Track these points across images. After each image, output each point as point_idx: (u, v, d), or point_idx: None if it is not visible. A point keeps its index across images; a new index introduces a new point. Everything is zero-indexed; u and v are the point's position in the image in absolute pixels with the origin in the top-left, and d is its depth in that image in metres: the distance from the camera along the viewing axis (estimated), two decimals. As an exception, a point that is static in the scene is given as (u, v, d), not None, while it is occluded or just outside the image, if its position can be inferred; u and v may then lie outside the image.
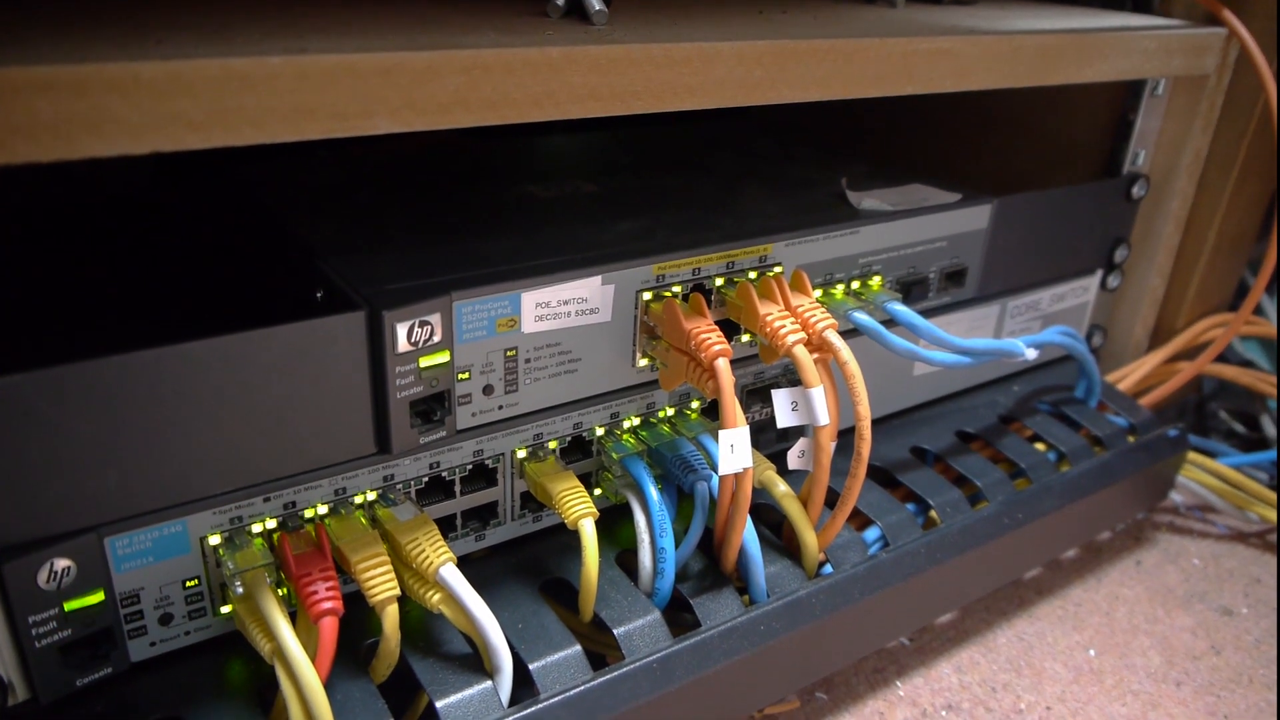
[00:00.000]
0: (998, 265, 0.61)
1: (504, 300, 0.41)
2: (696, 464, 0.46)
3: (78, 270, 0.52)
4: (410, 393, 0.40)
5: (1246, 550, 0.69)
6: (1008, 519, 0.54)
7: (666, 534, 0.44)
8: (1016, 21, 0.56)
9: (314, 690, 0.35)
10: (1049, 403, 0.66)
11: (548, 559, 0.47)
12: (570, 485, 0.44)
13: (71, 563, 0.35)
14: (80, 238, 0.56)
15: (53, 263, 0.53)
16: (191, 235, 0.58)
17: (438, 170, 0.60)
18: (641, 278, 0.45)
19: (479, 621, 0.38)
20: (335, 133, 0.33)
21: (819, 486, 0.46)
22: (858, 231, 0.52)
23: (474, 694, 0.39)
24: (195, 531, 0.38)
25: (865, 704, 0.53)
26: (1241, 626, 0.61)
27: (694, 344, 0.43)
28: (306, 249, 0.45)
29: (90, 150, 0.29)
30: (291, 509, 0.40)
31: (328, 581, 0.37)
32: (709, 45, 0.41)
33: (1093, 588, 0.63)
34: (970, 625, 0.59)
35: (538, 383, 0.44)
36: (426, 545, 0.39)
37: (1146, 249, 0.70)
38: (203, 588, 0.39)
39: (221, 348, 0.35)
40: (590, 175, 0.59)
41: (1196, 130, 0.66)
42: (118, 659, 0.38)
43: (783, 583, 0.47)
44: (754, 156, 0.67)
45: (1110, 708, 0.53)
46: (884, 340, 0.50)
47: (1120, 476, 0.61)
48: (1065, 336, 0.61)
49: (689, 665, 0.42)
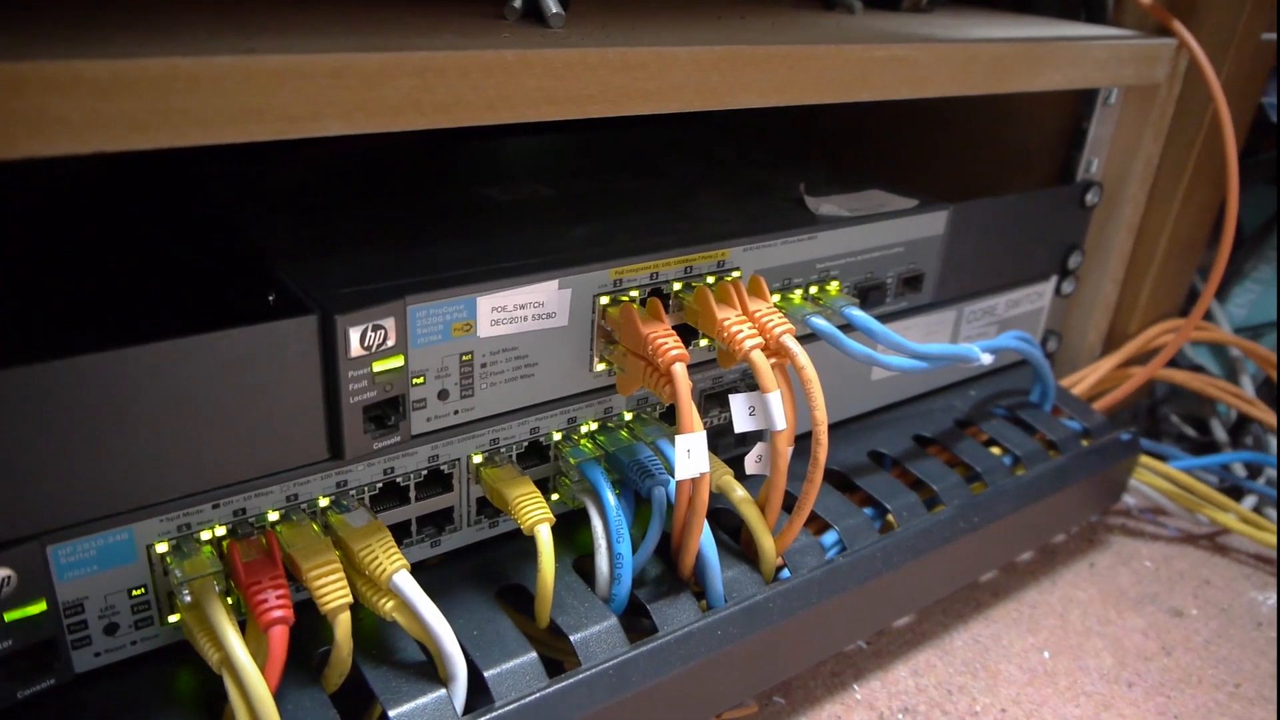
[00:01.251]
0: (954, 270, 0.61)
1: (459, 304, 0.41)
2: (654, 469, 0.46)
3: (21, 271, 0.50)
4: (364, 398, 0.39)
5: (1196, 552, 0.70)
6: (964, 523, 0.55)
7: (624, 539, 0.44)
8: (972, 30, 0.57)
9: (263, 700, 0.34)
10: (1005, 407, 0.66)
11: (504, 565, 0.46)
12: (527, 491, 0.44)
13: (12, 572, 0.34)
14: (25, 238, 0.55)
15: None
16: (141, 237, 0.56)
17: (393, 173, 0.59)
18: (599, 282, 0.45)
19: (433, 628, 0.38)
20: (284, 134, 0.33)
21: (776, 491, 0.46)
22: (815, 237, 0.53)
23: (428, 702, 0.38)
24: (142, 539, 0.37)
25: (823, 708, 0.53)
26: (1191, 628, 0.62)
27: (651, 349, 0.43)
28: (258, 252, 0.44)
29: (31, 150, 0.28)
30: (242, 515, 0.39)
31: (278, 590, 0.36)
32: (665, 50, 0.41)
33: (1047, 590, 0.64)
34: (927, 628, 0.60)
35: (494, 388, 0.44)
36: (380, 552, 0.39)
37: (1100, 255, 0.71)
38: (149, 596, 0.38)
39: (171, 351, 0.35)
40: (547, 179, 0.59)
41: (1148, 138, 0.67)
42: (61, 670, 0.37)
43: (740, 587, 0.47)
44: (712, 161, 0.67)
45: (1064, 709, 0.54)
46: (841, 345, 0.50)
47: (1074, 480, 0.62)
48: (1020, 341, 0.62)
49: (646, 671, 0.42)
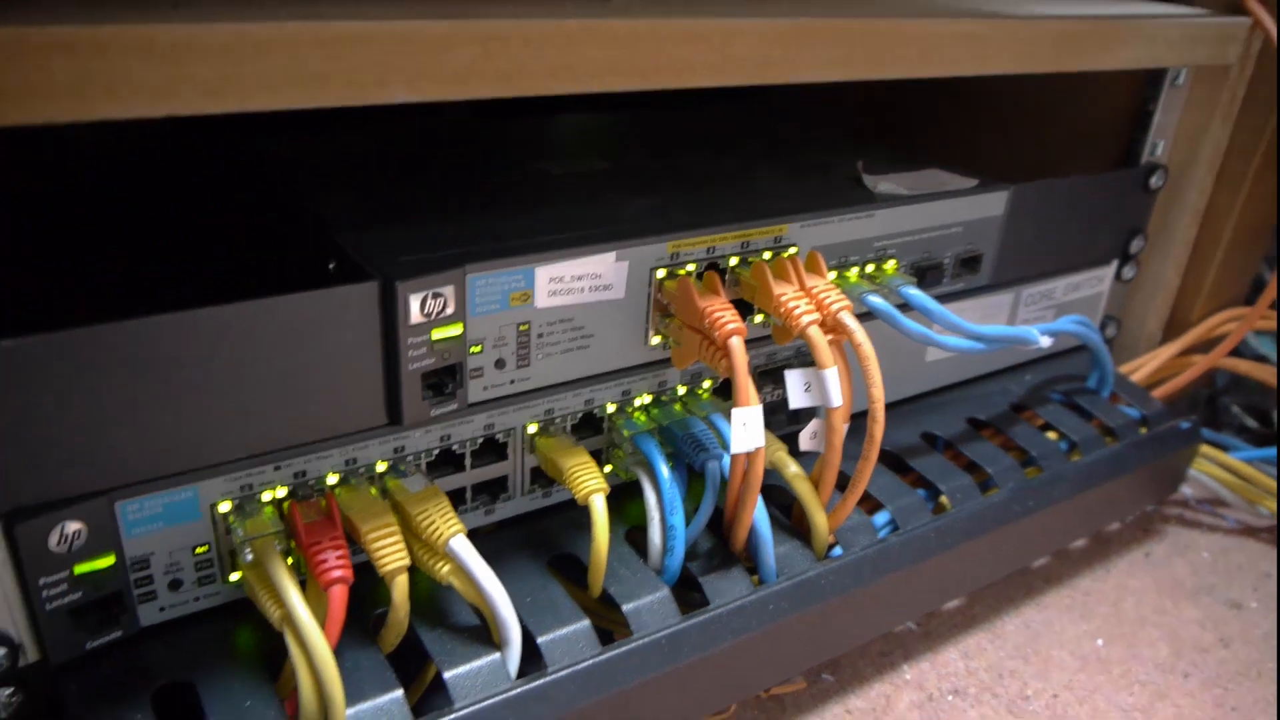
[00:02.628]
0: (1013, 252, 0.60)
1: (518, 274, 0.41)
2: (708, 443, 0.46)
3: (95, 238, 0.52)
4: (422, 365, 0.40)
5: (1256, 545, 0.68)
6: (1017, 506, 0.54)
7: (677, 511, 0.44)
8: (1039, 5, 0.56)
9: (323, 657, 0.35)
10: (1061, 392, 0.65)
11: (557, 535, 0.47)
12: (582, 460, 0.44)
13: (82, 526, 0.35)
14: (100, 208, 0.56)
15: (72, 230, 0.53)
16: (207, 209, 0.58)
17: (453, 149, 0.60)
18: (656, 255, 0.45)
19: (488, 593, 0.38)
20: (349, 101, 0.33)
21: (830, 468, 0.46)
22: (873, 215, 0.52)
23: (482, 665, 0.39)
24: (206, 498, 0.38)
25: (871, 687, 0.53)
26: (1250, 620, 0.61)
27: (708, 322, 0.43)
28: (320, 221, 0.45)
29: (106, 112, 0.29)
30: (302, 478, 0.40)
31: (337, 550, 0.37)
32: (729, 22, 0.40)
33: (1101, 578, 0.63)
34: (978, 612, 0.59)
35: (550, 358, 0.44)
36: (436, 516, 0.39)
37: (1163, 241, 0.70)
38: (212, 554, 0.39)
39: (235, 314, 0.35)
40: (605, 154, 0.59)
41: (1217, 121, 0.65)
42: (127, 623, 0.38)
43: (792, 563, 0.47)
44: (771, 139, 0.67)
45: (1117, 697, 0.53)
46: (897, 324, 0.50)
47: (1131, 467, 0.61)
48: (1079, 326, 0.61)
49: (697, 643, 0.42)
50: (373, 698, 0.37)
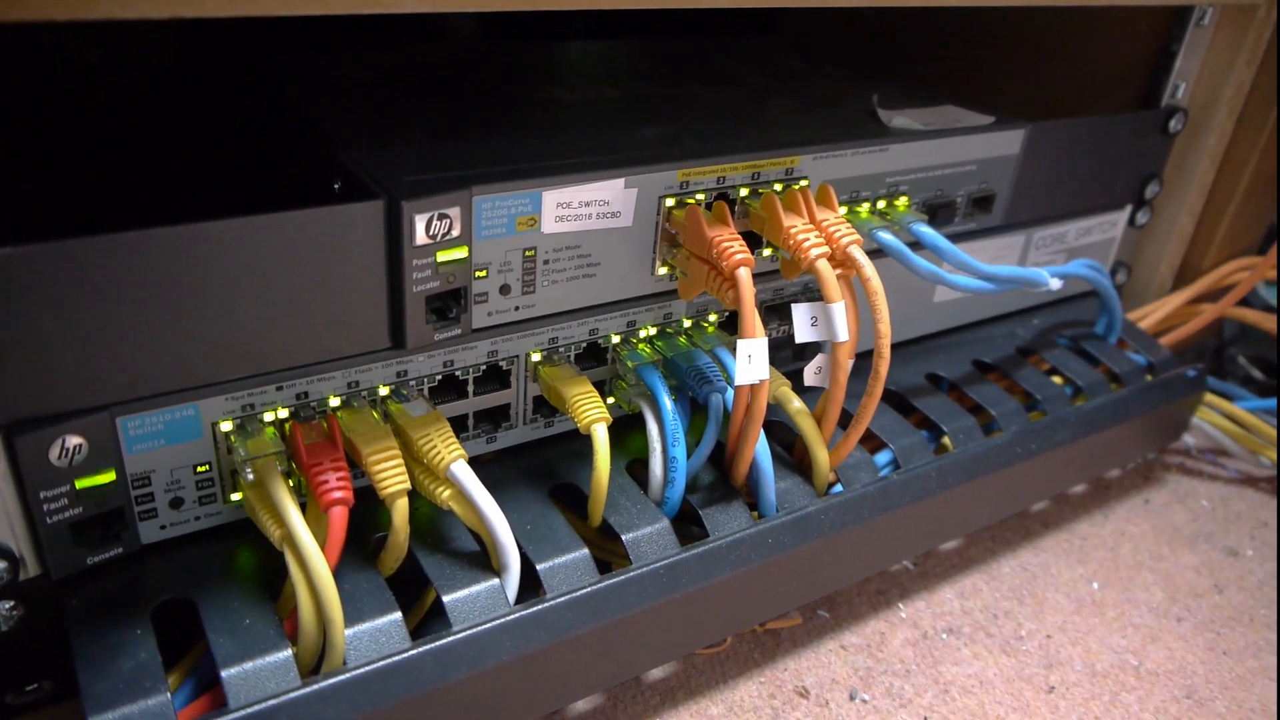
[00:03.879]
0: (1027, 193, 0.60)
1: (525, 198, 0.41)
2: (712, 375, 0.46)
3: (101, 151, 0.51)
4: (426, 287, 0.39)
5: (1256, 494, 0.68)
6: (1019, 449, 0.54)
7: (679, 443, 0.44)
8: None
9: (323, 577, 0.35)
10: (1068, 337, 0.65)
11: (558, 464, 0.47)
12: (584, 390, 0.44)
13: (83, 440, 0.35)
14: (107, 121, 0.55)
15: (78, 142, 0.52)
16: (216, 125, 0.57)
17: (462, 72, 0.58)
18: (665, 183, 0.44)
19: (488, 519, 0.38)
20: (361, 9, 0.32)
21: (834, 404, 0.46)
22: (887, 149, 0.51)
23: (481, 590, 0.39)
24: (207, 416, 0.38)
25: (867, 623, 0.53)
26: (1245, 567, 0.61)
27: (716, 252, 0.42)
28: (327, 141, 0.44)
29: (110, 11, 0.28)
30: (304, 399, 0.40)
31: (338, 471, 0.37)
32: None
33: (1099, 523, 0.63)
34: (975, 553, 0.59)
35: (555, 285, 0.44)
36: (438, 441, 0.39)
37: (1179, 185, 0.69)
38: (213, 473, 0.39)
39: (239, 229, 0.35)
40: (617, 82, 0.58)
41: (1241, 64, 0.64)
42: (128, 539, 0.38)
43: (792, 499, 0.47)
44: (783, 73, 0.66)
45: (1110, 639, 0.54)
46: (907, 261, 0.49)
47: (1135, 414, 0.60)
48: (1090, 270, 0.60)
49: (695, 574, 0.42)
50: (372, 619, 0.37)
